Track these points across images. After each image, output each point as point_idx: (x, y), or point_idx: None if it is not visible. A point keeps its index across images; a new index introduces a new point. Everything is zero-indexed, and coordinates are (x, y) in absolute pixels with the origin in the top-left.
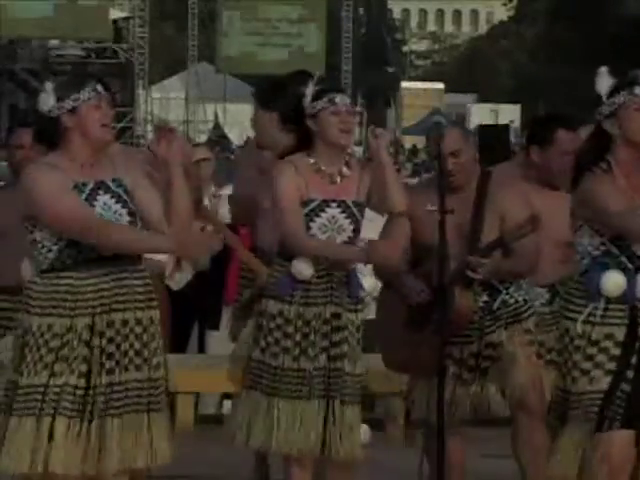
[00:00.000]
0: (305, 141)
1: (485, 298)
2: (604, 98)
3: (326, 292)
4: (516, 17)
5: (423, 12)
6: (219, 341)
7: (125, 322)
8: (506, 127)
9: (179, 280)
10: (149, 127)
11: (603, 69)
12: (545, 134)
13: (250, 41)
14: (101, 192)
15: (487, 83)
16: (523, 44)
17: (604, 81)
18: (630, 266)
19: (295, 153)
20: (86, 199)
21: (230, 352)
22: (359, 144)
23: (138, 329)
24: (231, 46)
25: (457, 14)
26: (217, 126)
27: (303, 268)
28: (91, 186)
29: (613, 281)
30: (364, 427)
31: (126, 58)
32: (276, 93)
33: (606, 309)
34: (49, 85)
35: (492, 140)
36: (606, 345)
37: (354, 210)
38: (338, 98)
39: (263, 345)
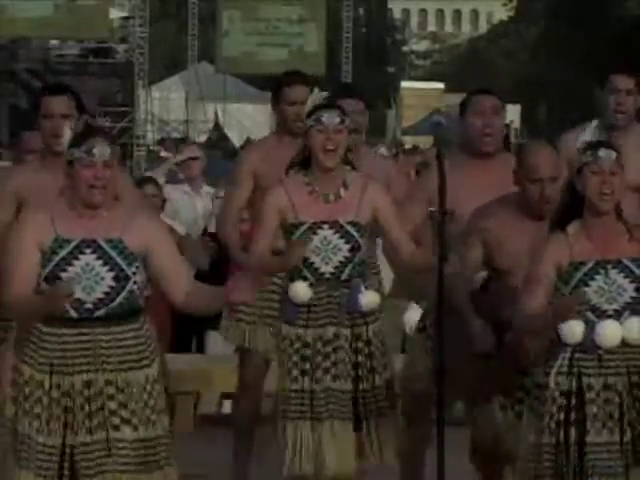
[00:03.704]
0: (306, 157)
1: None
2: (579, 152)
3: (326, 313)
4: (516, 17)
5: (423, 12)
6: (219, 341)
7: (87, 383)
8: (506, 127)
9: None
10: (149, 127)
11: (594, 124)
12: None
13: (250, 41)
14: (87, 251)
15: (487, 83)
16: (523, 44)
17: (586, 136)
18: (595, 320)
19: (296, 167)
20: (65, 256)
21: (230, 352)
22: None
23: (110, 390)
24: (231, 46)
25: (457, 14)
26: (217, 126)
27: (299, 292)
28: (75, 244)
29: (570, 328)
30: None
31: (126, 58)
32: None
33: (571, 358)
34: (68, 129)
35: None
36: (590, 396)
37: (349, 230)
38: (325, 116)
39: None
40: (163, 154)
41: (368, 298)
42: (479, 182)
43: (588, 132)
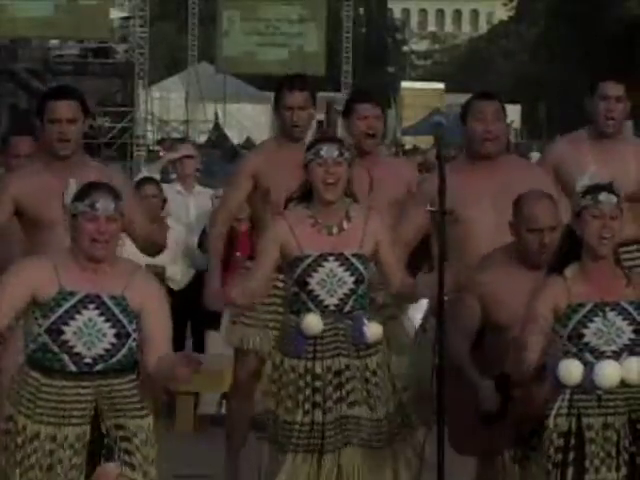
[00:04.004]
0: (307, 190)
1: None
2: (579, 196)
3: (334, 345)
4: (516, 17)
5: (423, 12)
6: (219, 341)
7: (78, 437)
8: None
9: (180, 280)
10: (149, 127)
11: (592, 169)
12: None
13: (250, 41)
14: (90, 306)
15: (487, 83)
16: (523, 44)
17: (584, 181)
18: (594, 361)
19: (296, 200)
20: (68, 310)
21: (230, 352)
22: None
23: (121, 433)
24: (231, 46)
25: (457, 14)
26: (217, 126)
27: (313, 324)
28: (79, 297)
29: (567, 369)
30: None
31: (126, 58)
32: None
33: (570, 400)
34: (73, 184)
35: None
36: (590, 436)
37: (354, 262)
38: (324, 150)
39: (278, 400)
40: (163, 154)
41: (372, 330)
42: (482, 185)
43: (587, 175)
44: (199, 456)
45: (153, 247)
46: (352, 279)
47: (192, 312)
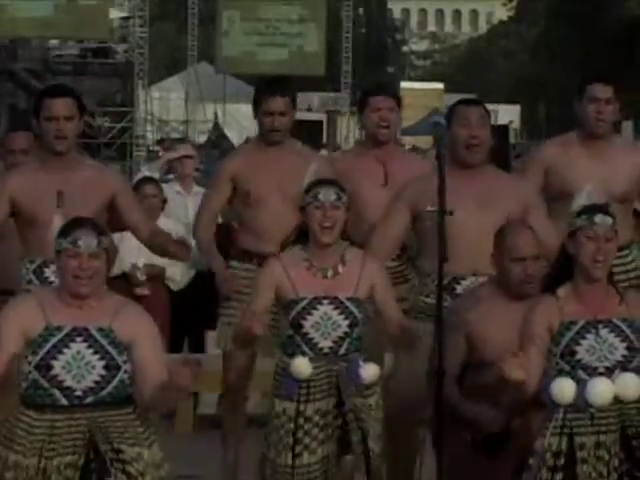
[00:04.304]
0: (303, 232)
1: None
2: (574, 215)
3: (327, 386)
4: (516, 17)
5: (423, 12)
6: None
7: (68, 465)
8: (505, 127)
9: (179, 280)
10: (149, 127)
11: (589, 187)
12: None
13: (250, 41)
14: (78, 339)
15: (487, 83)
16: (523, 44)
17: (580, 200)
18: (587, 378)
19: (294, 242)
20: (56, 344)
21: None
22: None
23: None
24: (231, 46)
25: (457, 14)
26: (216, 126)
27: (301, 368)
28: (66, 331)
29: (560, 388)
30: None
31: (126, 58)
32: None
33: (564, 419)
34: (58, 219)
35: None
36: (582, 455)
37: (349, 306)
38: (322, 193)
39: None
40: (162, 154)
41: (369, 372)
42: (466, 188)
43: (585, 193)
44: (199, 456)
45: (161, 248)
46: (346, 322)
47: (191, 312)
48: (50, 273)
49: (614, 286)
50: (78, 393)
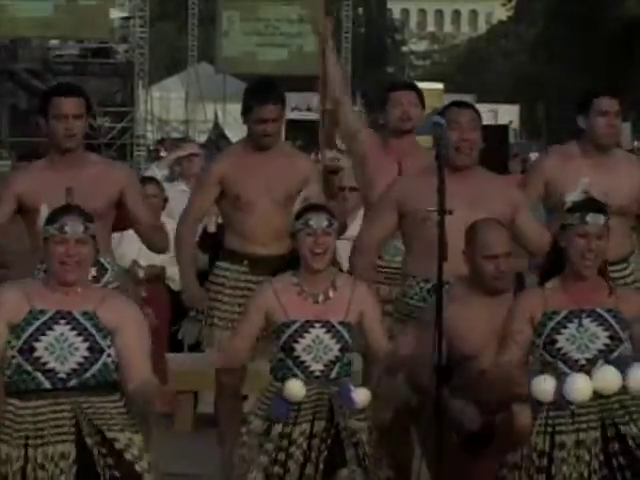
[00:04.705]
0: (295, 258)
1: None
2: (566, 211)
3: (318, 409)
4: (515, 18)
5: (422, 12)
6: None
7: (62, 454)
8: (505, 127)
9: (179, 280)
10: (149, 127)
11: (585, 180)
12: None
13: (249, 41)
14: (62, 322)
15: (486, 83)
16: (522, 44)
17: (575, 194)
18: (567, 371)
19: (286, 268)
20: (39, 327)
21: None
22: None
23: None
24: (231, 46)
25: (456, 14)
26: (217, 125)
27: (296, 390)
28: (50, 315)
29: (540, 385)
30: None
31: (126, 58)
32: None
33: (547, 421)
34: (44, 209)
35: (491, 141)
36: (561, 455)
37: (340, 330)
38: (313, 220)
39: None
40: (163, 154)
41: (361, 396)
42: (454, 193)
43: (580, 188)
44: (198, 454)
45: (156, 245)
46: (338, 346)
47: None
48: None
49: (606, 280)
50: (61, 375)
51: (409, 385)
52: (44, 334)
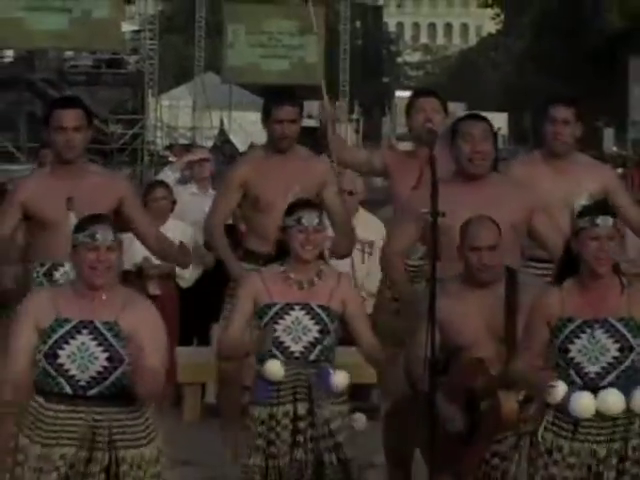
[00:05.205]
0: (282, 251)
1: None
2: (577, 216)
3: (295, 390)
4: (504, 31)
5: (416, 26)
6: None
7: (79, 459)
8: (494, 134)
9: (188, 278)
10: (158, 133)
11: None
12: None
13: (254, 53)
14: (84, 332)
15: (476, 92)
16: (510, 56)
17: (582, 200)
18: (578, 381)
19: (274, 259)
20: (63, 335)
21: None
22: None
23: (93, 467)
24: (236, 57)
25: (448, 27)
26: (222, 132)
27: (274, 370)
28: (73, 323)
29: (554, 390)
30: (360, 416)
31: (137, 68)
32: None
33: (554, 421)
34: (72, 217)
35: None
36: (555, 458)
37: (320, 312)
38: (305, 218)
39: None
40: (172, 159)
41: (338, 379)
42: (468, 201)
43: (585, 196)
44: (205, 443)
45: (163, 254)
46: (317, 328)
47: (200, 308)
48: (59, 276)
49: (618, 276)
50: (82, 383)
51: (405, 375)
52: (67, 342)
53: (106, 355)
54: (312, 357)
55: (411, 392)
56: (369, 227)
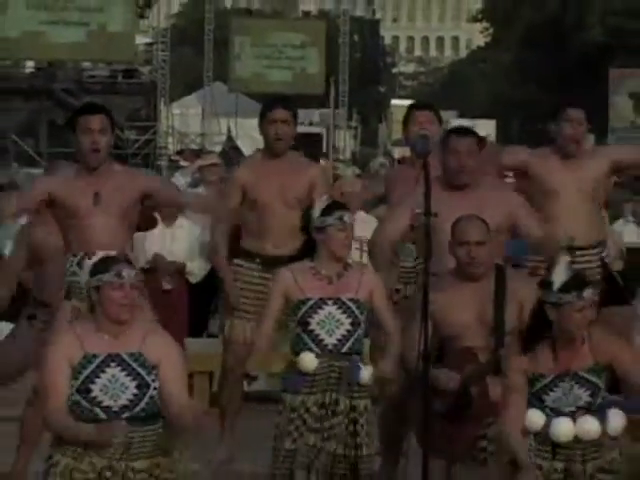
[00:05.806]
0: (310, 249)
1: None
2: (555, 286)
3: (327, 381)
4: (492, 44)
5: (410, 39)
6: None
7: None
8: (483, 140)
9: (197, 273)
10: (170, 139)
11: (565, 259)
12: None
13: (259, 63)
14: (113, 364)
15: (467, 101)
16: (499, 67)
17: (561, 274)
18: (553, 415)
19: (302, 257)
20: (94, 370)
21: None
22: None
23: (131, 475)
24: (242, 68)
25: (440, 41)
26: (230, 138)
27: (307, 362)
28: (102, 358)
29: (530, 419)
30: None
31: (150, 78)
32: None
33: (533, 444)
34: (87, 263)
35: None
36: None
37: (351, 306)
38: (346, 217)
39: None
40: (182, 163)
41: (366, 373)
42: (455, 206)
43: (563, 267)
44: (213, 429)
45: (199, 208)
46: (349, 321)
47: (209, 302)
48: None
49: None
50: (115, 409)
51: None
52: (98, 376)
53: (135, 383)
54: (345, 349)
55: (407, 377)
56: (366, 226)
